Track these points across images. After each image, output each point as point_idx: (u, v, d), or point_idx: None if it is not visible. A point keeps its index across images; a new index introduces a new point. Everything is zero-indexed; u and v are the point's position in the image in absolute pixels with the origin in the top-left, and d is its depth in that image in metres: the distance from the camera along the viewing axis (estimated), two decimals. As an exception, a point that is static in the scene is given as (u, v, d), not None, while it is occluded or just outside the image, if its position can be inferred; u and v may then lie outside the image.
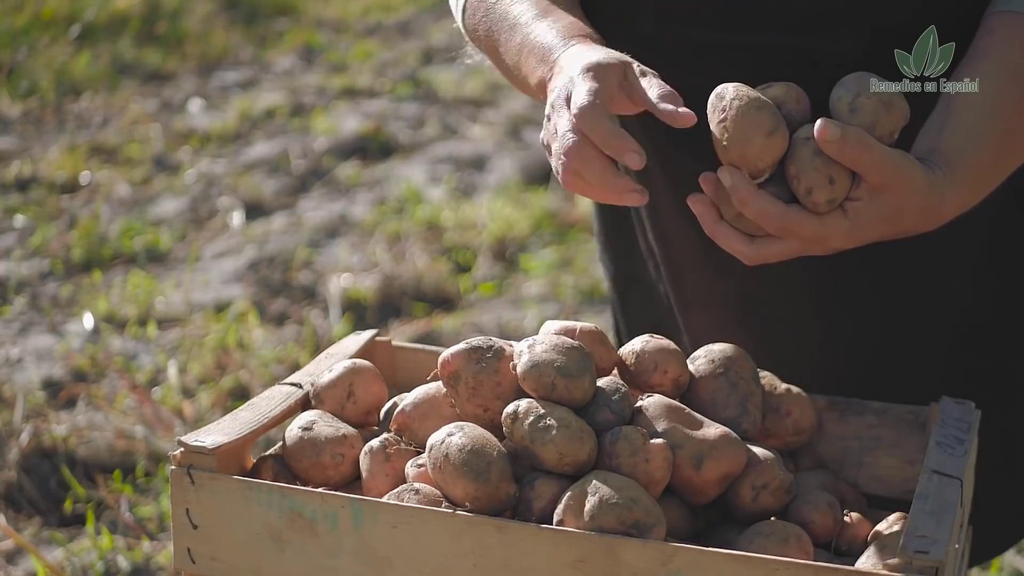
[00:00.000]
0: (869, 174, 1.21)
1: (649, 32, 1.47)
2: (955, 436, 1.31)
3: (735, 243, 1.26)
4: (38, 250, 4.31)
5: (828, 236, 1.23)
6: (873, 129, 1.23)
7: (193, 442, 1.25)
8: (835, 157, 1.20)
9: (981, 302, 1.55)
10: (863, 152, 1.20)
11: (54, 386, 3.43)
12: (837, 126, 1.19)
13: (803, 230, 1.23)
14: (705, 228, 1.27)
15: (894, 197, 1.22)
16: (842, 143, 1.19)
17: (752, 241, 1.26)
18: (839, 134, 1.19)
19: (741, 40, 1.39)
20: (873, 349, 1.57)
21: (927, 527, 1.13)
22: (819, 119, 1.21)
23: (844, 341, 1.57)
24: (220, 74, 6.43)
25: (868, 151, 1.20)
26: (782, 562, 1.10)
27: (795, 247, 1.26)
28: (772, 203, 1.22)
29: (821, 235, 1.23)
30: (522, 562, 1.15)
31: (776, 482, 1.25)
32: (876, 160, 1.20)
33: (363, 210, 4.73)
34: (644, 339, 1.35)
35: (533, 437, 1.19)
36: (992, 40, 1.33)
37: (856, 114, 1.24)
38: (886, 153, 1.21)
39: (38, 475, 3.00)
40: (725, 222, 1.26)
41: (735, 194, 1.23)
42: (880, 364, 1.56)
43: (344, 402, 1.37)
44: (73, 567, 2.70)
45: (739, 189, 1.22)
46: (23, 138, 5.36)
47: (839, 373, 1.54)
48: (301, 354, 3.58)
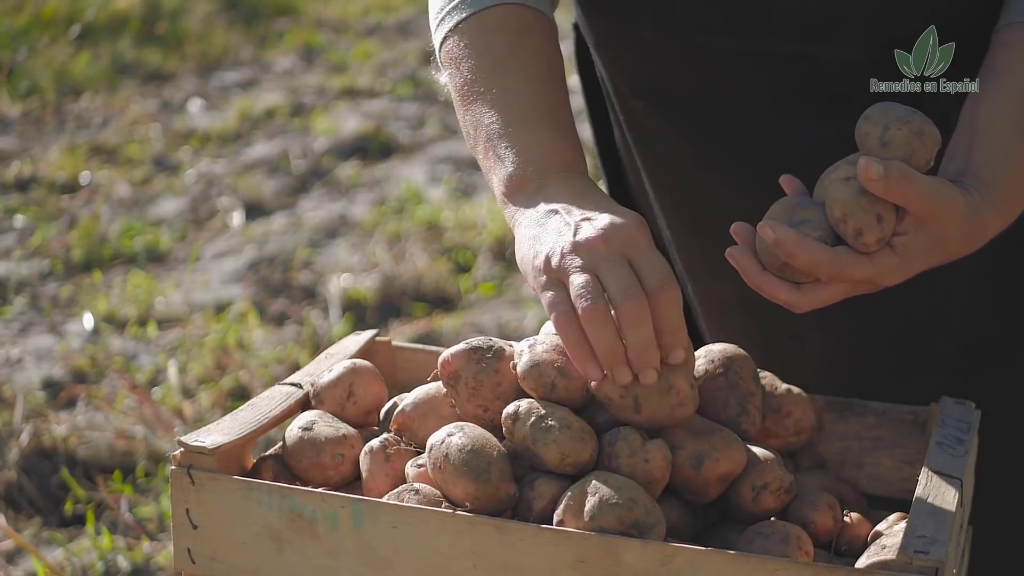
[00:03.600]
0: (914, 207, 1.18)
1: (651, 38, 1.46)
2: (955, 436, 1.31)
3: (782, 293, 1.21)
4: (38, 250, 4.31)
5: (879, 275, 1.20)
6: (909, 160, 1.19)
7: (193, 442, 1.25)
8: (880, 195, 1.16)
9: (985, 310, 1.55)
10: (908, 187, 1.16)
11: (54, 386, 3.43)
12: (879, 163, 1.15)
13: (856, 273, 1.19)
14: (749, 281, 1.22)
15: (939, 226, 1.19)
16: (887, 180, 1.15)
17: (799, 288, 1.21)
18: (883, 171, 1.15)
19: (744, 47, 1.38)
20: (876, 357, 1.56)
21: (927, 527, 1.13)
22: (860, 158, 1.17)
23: (847, 349, 1.56)
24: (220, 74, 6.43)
25: (912, 185, 1.16)
26: (782, 562, 1.10)
27: (845, 289, 1.22)
28: (822, 251, 1.17)
29: (872, 276, 1.20)
30: (522, 562, 1.15)
31: (776, 482, 1.25)
32: (921, 193, 1.17)
33: (363, 210, 4.73)
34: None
35: (535, 438, 1.19)
36: (1010, 53, 1.31)
37: (889, 147, 1.19)
38: (928, 184, 1.18)
39: (38, 475, 3.01)
40: (769, 272, 1.21)
41: (781, 248, 1.17)
42: (883, 372, 1.56)
43: (344, 402, 1.37)
44: (73, 567, 2.70)
45: (785, 242, 1.17)
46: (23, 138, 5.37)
47: (841, 381, 1.54)
48: (301, 354, 3.58)
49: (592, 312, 1.15)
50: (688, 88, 1.49)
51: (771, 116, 1.44)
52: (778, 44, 1.40)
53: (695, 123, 1.50)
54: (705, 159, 1.51)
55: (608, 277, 1.16)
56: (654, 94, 1.52)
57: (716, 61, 1.44)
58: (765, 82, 1.44)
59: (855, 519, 1.31)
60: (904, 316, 1.54)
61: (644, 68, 1.50)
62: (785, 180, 1.26)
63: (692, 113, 1.50)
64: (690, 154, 1.53)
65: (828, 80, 1.41)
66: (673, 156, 1.55)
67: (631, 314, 1.15)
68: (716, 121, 1.49)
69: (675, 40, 1.45)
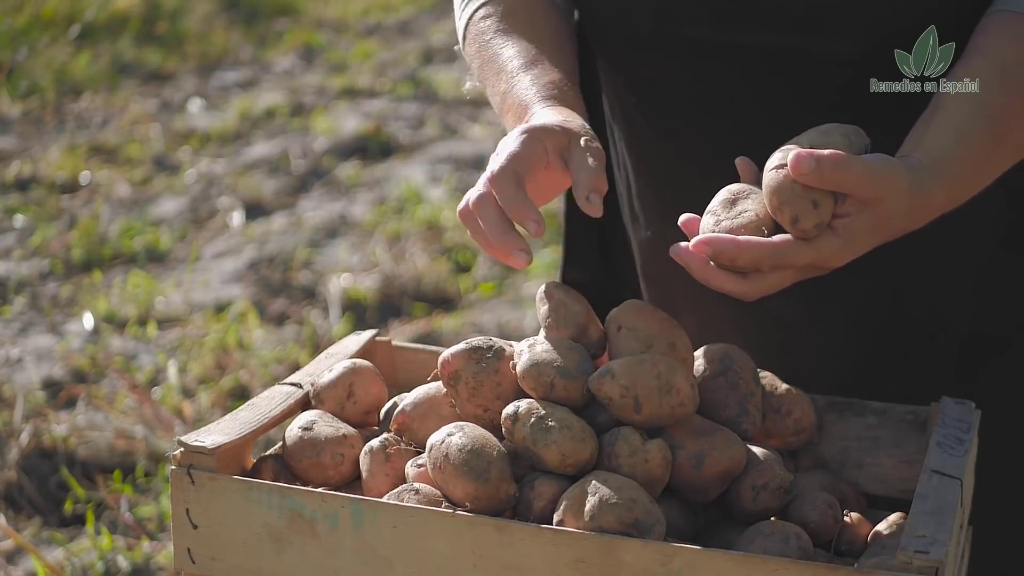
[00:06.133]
0: (854, 192, 1.19)
1: (646, 32, 1.47)
2: (955, 436, 1.31)
3: (729, 284, 1.23)
4: (38, 250, 4.31)
5: (824, 259, 1.22)
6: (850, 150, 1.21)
7: (193, 442, 1.25)
8: (815, 185, 1.18)
9: (984, 309, 1.55)
10: (844, 174, 1.17)
11: (54, 386, 3.43)
12: (811, 156, 1.16)
13: (797, 260, 1.21)
14: (694, 276, 1.24)
15: (881, 205, 1.21)
16: (819, 172, 1.17)
17: (746, 278, 1.23)
18: (814, 164, 1.16)
19: (738, 40, 1.39)
20: (873, 354, 1.56)
21: (927, 527, 1.13)
22: (792, 152, 1.18)
23: (843, 345, 1.56)
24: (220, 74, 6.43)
25: (848, 172, 1.17)
26: (782, 562, 1.10)
27: (792, 275, 1.24)
28: (760, 246, 1.19)
29: (816, 260, 1.22)
30: (522, 562, 1.15)
31: (776, 482, 1.25)
32: (859, 177, 1.18)
33: (363, 210, 4.73)
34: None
35: (535, 438, 1.19)
36: (986, 39, 1.33)
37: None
38: (867, 166, 1.19)
39: (38, 475, 3.01)
40: (713, 266, 1.23)
41: (722, 257, 1.20)
42: (880, 369, 1.56)
43: (344, 402, 1.37)
44: (73, 567, 2.70)
45: (725, 252, 1.20)
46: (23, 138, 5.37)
47: (837, 378, 1.53)
48: (301, 354, 3.58)
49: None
50: (681, 83, 1.49)
51: (762, 113, 1.45)
52: (768, 37, 1.41)
53: (688, 119, 1.51)
54: (697, 157, 1.51)
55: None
56: (647, 89, 1.52)
57: (708, 55, 1.45)
58: (756, 77, 1.44)
59: (855, 519, 1.31)
60: (902, 315, 1.54)
61: (639, 61, 1.51)
62: (740, 163, 1.30)
63: (685, 109, 1.50)
64: (681, 152, 1.53)
65: (819, 75, 1.42)
66: (665, 154, 1.55)
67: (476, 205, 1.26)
68: (707, 117, 1.49)
69: (668, 34, 1.45)
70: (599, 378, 1.21)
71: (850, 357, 1.56)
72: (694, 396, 1.23)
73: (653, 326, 1.29)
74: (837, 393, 1.46)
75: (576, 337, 1.29)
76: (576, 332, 1.29)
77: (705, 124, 1.50)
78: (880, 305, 1.54)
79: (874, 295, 1.53)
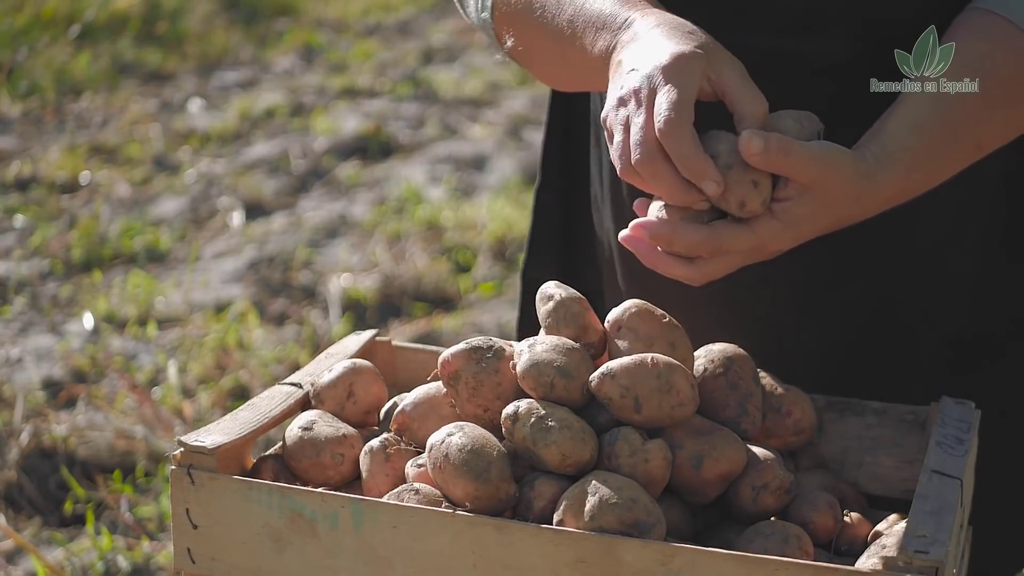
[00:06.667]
0: (795, 175, 1.21)
1: None
2: (955, 436, 1.31)
3: (676, 269, 1.24)
4: (38, 250, 4.31)
5: (764, 242, 1.23)
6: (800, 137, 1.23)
7: (193, 442, 1.25)
8: (761, 167, 1.19)
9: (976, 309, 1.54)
10: (787, 158, 1.19)
11: (54, 386, 3.43)
12: (761, 137, 1.18)
13: (737, 245, 1.22)
14: (644, 262, 1.26)
15: (822, 191, 1.22)
16: (766, 153, 1.18)
17: (692, 263, 1.24)
18: (763, 146, 1.18)
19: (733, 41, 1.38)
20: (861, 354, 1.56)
21: (927, 527, 1.13)
22: (743, 132, 1.20)
23: (834, 344, 1.56)
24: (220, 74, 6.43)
25: (791, 156, 1.19)
26: (782, 562, 1.10)
27: (737, 260, 1.25)
28: (696, 231, 1.21)
29: (757, 244, 1.23)
30: (522, 562, 1.15)
31: (776, 482, 1.25)
32: (800, 162, 1.20)
33: (363, 210, 4.73)
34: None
35: (535, 438, 1.19)
36: (952, 34, 1.34)
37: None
38: (809, 152, 1.20)
39: (38, 475, 3.01)
40: (660, 251, 1.24)
41: (659, 241, 1.22)
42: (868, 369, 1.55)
43: (344, 402, 1.37)
44: (73, 567, 2.70)
45: (660, 235, 1.21)
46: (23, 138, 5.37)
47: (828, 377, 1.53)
48: (301, 354, 3.58)
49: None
50: None
51: None
52: (765, 38, 1.41)
53: None
54: None
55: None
56: None
57: None
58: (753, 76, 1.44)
59: (855, 519, 1.31)
60: (892, 316, 1.53)
61: None
62: (638, 207, 1.28)
63: None
64: None
65: (813, 77, 1.42)
66: None
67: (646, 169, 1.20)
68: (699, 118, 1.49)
69: None
70: (599, 378, 1.21)
71: (838, 357, 1.56)
72: (694, 396, 1.23)
73: (653, 326, 1.29)
74: (824, 393, 1.46)
75: (576, 337, 1.29)
76: (576, 332, 1.29)
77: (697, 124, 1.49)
78: (869, 306, 1.53)
79: (863, 296, 1.53)
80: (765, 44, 1.41)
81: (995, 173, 1.47)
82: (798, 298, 1.51)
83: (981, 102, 1.31)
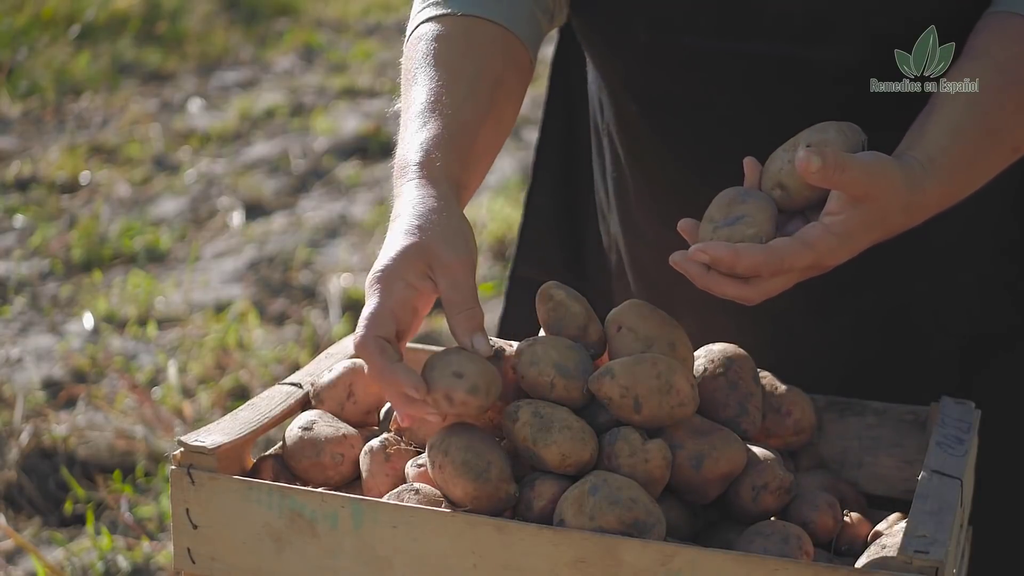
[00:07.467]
0: (849, 189, 1.21)
1: (644, 40, 1.46)
2: (955, 436, 1.31)
3: (732, 289, 1.23)
4: (38, 250, 4.31)
5: (821, 257, 1.23)
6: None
7: (193, 442, 1.25)
8: (817, 184, 1.20)
9: (986, 308, 1.54)
10: (842, 174, 1.19)
11: (54, 386, 3.43)
12: (818, 155, 1.18)
13: (796, 262, 1.22)
14: (697, 284, 1.24)
15: (876, 203, 1.22)
16: (824, 171, 1.18)
17: (749, 283, 1.23)
18: (821, 164, 1.18)
19: (737, 49, 1.39)
20: (874, 356, 1.56)
21: (927, 527, 1.13)
22: (801, 149, 1.20)
23: (840, 345, 1.56)
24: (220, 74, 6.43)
25: (846, 171, 1.19)
26: (782, 562, 1.10)
27: (794, 277, 1.25)
28: (758, 252, 1.21)
29: (815, 260, 1.22)
30: (522, 562, 1.15)
31: (776, 482, 1.25)
32: (854, 177, 1.20)
33: (363, 210, 4.73)
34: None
35: (535, 438, 1.19)
36: (980, 39, 1.34)
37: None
38: (862, 165, 1.20)
39: (38, 475, 3.01)
40: (714, 272, 1.23)
41: (719, 265, 1.21)
42: (881, 371, 1.56)
43: (344, 402, 1.37)
44: (73, 567, 2.70)
45: (721, 260, 1.20)
46: (23, 138, 5.37)
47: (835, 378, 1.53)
48: (301, 354, 3.58)
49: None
50: (681, 92, 1.49)
51: (764, 121, 1.44)
52: (769, 45, 1.41)
53: (688, 127, 1.50)
54: (698, 165, 1.51)
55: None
56: (648, 98, 1.52)
57: (708, 64, 1.44)
58: (757, 85, 1.44)
59: (855, 519, 1.31)
60: (903, 315, 1.54)
61: (637, 69, 1.51)
62: (748, 163, 1.30)
63: (685, 117, 1.50)
64: (683, 160, 1.53)
65: (820, 83, 1.42)
66: (666, 162, 1.55)
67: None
68: (708, 126, 1.49)
69: (667, 43, 1.45)
70: (599, 378, 1.21)
71: (851, 359, 1.56)
72: (694, 396, 1.23)
73: (653, 326, 1.29)
74: (837, 394, 1.46)
75: (576, 337, 1.29)
76: (576, 332, 1.29)
77: (706, 132, 1.49)
78: (882, 309, 1.54)
79: (877, 300, 1.53)
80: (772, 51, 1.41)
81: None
82: (812, 302, 1.51)
83: (1015, 104, 1.31)
